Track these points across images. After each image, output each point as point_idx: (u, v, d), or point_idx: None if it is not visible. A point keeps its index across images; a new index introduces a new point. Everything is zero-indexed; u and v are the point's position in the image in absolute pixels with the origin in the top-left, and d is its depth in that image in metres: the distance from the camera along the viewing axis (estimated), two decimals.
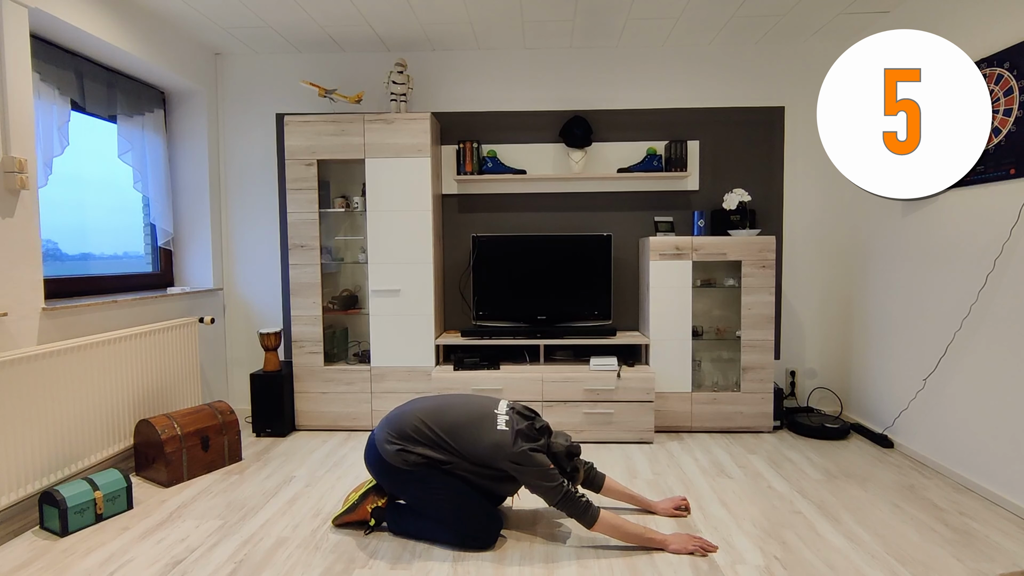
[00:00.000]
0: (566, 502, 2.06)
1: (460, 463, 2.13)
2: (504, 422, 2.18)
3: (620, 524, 2.09)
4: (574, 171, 3.62)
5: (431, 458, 2.13)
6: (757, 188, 3.67)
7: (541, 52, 3.71)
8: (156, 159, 3.44)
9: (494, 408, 2.24)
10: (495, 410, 2.23)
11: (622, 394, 3.22)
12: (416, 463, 2.13)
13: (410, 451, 2.14)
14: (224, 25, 3.29)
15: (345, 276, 3.82)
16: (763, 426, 3.40)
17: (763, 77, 3.66)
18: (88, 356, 2.58)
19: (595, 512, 2.06)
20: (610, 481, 2.41)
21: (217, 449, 2.92)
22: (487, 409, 2.23)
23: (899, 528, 2.25)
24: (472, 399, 2.30)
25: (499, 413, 2.22)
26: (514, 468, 2.09)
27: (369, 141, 3.41)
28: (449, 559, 2.06)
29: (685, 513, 2.38)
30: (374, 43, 3.58)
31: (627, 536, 2.09)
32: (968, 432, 2.62)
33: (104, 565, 2.04)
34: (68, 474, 2.49)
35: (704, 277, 3.56)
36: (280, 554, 2.10)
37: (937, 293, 2.82)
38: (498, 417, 2.20)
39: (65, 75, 2.80)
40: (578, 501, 2.07)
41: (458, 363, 3.38)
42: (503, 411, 2.23)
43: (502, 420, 2.18)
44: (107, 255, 3.28)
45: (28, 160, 2.36)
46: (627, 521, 2.12)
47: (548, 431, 2.25)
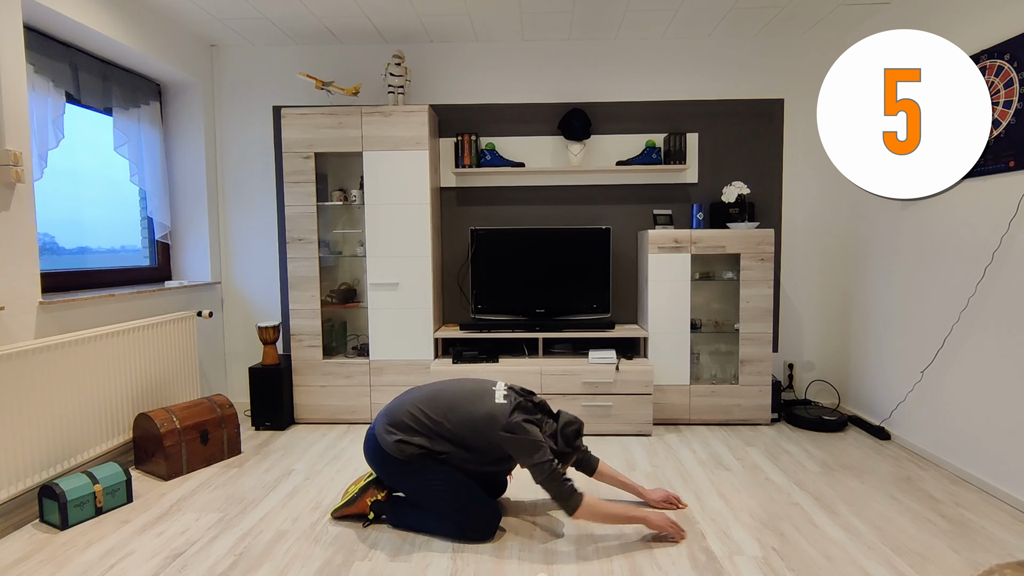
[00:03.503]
0: (552, 481, 2.05)
1: (457, 452, 2.14)
2: (503, 396, 2.19)
3: (603, 508, 2.08)
4: (573, 164, 3.61)
5: (429, 449, 2.13)
6: (756, 181, 3.66)
7: (540, 44, 3.69)
8: (152, 152, 3.42)
9: (492, 386, 2.26)
10: (493, 387, 2.25)
11: (620, 387, 3.23)
12: (413, 455, 2.13)
13: (408, 442, 2.14)
14: (220, 16, 3.26)
15: (343, 270, 3.81)
16: (761, 418, 3.41)
17: (762, 69, 3.65)
18: (86, 350, 2.58)
19: (579, 499, 2.05)
20: (604, 466, 2.40)
21: (216, 443, 2.92)
22: (485, 386, 2.25)
23: (896, 519, 2.27)
24: (469, 380, 2.32)
25: (497, 389, 2.23)
26: (506, 439, 2.08)
27: (367, 134, 3.39)
28: (448, 551, 2.07)
29: (678, 505, 2.38)
30: (372, 35, 3.56)
31: (610, 518, 2.09)
32: (965, 424, 2.64)
33: (104, 558, 2.04)
34: (67, 468, 2.49)
35: (703, 270, 3.56)
36: (280, 547, 2.11)
37: (935, 286, 2.82)
38: (496, 392, 2.21)
39: (59, 67, 2.77)
40: (564, 484, 2.06)
41: (457, 356, 3.38)
42: (502, 388, 2.24)
43: (500, 395, 2.20)
44: (104, 249, 3.27)
45: (23, 153, 2.34)
46: (609, 503, 2.12)
47: (547, 410, 2.25)
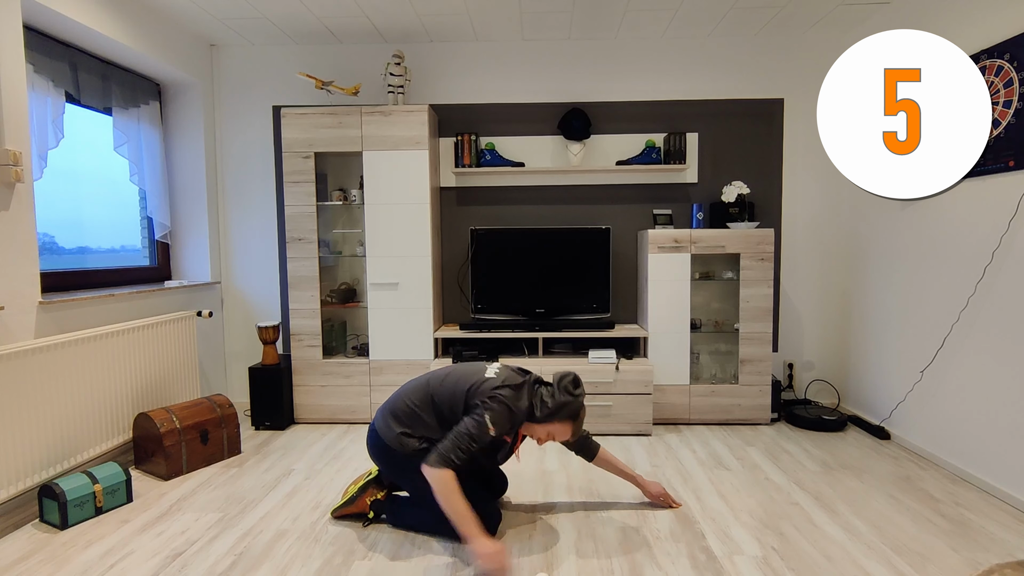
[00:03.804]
0: (454, 445, 1.94)
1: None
2: (494, 372, 2.16)
3: (454, 497, 1.91)
4: (572, 163, 3.61)
5: (429, 440, 2.11)
6: (756, 180, 3.66)
7: (539, 44, 3.69)
8: (152, 152, 3.42)
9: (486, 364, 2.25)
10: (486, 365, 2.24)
11: (620, 387, 3.23)
12: (415, 449, 2.11)
13: (410, 435, 2.13)
14: (219, 16, 3.26)
15: (343, 269, 3.81)
16: (761, 418, 3.41)
17: (762, 69, 3.65)
18: (86, 350, 2.58)
19: (446, 472, 1.91)
20: (604, 452, 2.39)
21: (216, 442, 2.92)
22: (478, 366, 2.23)
23: (895, 519, 2.27)
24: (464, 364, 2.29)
25: (489, 366, 2.22)
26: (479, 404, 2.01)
27: (367, 133, 3.39)
28: (449, 551, 2.07)
29: (672, 504, 2.38)
30: (371, 34, 3.56)
31: (450, 507, 1.92)
32: (965, 424, 2.64)
33: (104, 558, 2.04)
34: (67, 467, 2.49)
35: (702, 270, 3.56)
36: (280, 546, 2.10)
37: (935, 286, 2.82)
38: (488, 369, 2.20)
39: (59, 66, 2.77)
40: (453, 456, 1.92)
41: (457, 356, 3.38)
42: (495, 367, 2.22)
43: (492, 371, 2.18)
44: (104, 249, 3.27)
45: (23, 153, 2.34)
46: (463, 503, 1.92)
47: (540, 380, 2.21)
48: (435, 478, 1.93)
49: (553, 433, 2.11)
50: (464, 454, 1.96)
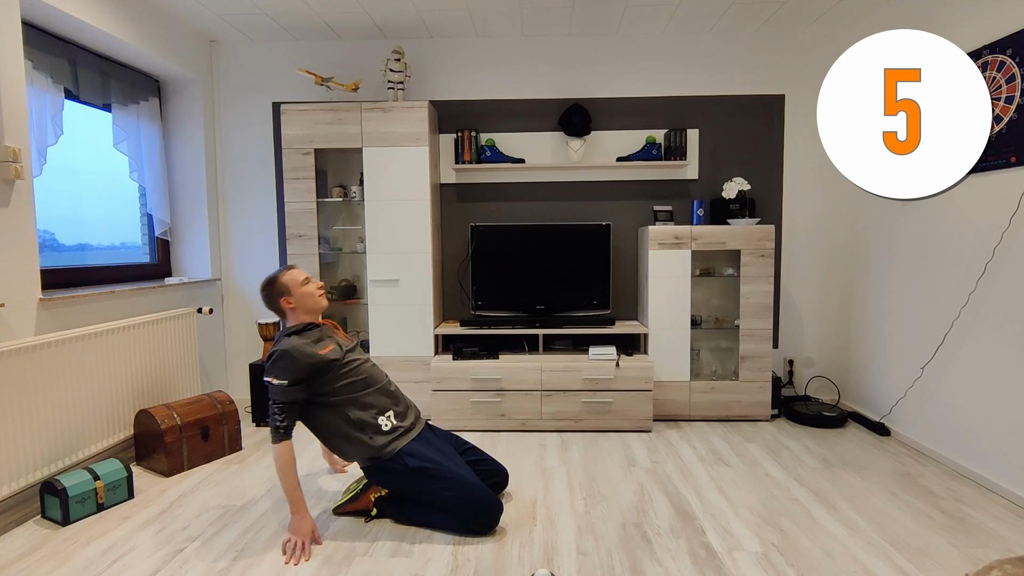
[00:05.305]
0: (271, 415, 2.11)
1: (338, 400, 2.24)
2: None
3: (288, 470, 2.09)
4: (573, 160, 3.60)
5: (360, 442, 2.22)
6: (757, 177, 3.66)
7: (540, 40, 3.67)
8: (152, 148, 3.41)
9: None
10: None
11: (621, 383, 3.23)
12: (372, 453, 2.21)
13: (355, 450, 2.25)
14: (219, 12, 3.25)
15: (343, 266, 3.81)
16: (761, 415, 3.41)
17: (763, 65, 3.63)
18: (86, 347, 2.58)
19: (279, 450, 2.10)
20: None
21: (217, 439, 2.92)
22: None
23: (895, 515, 2.27)
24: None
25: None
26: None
27: (366, 130, 3.38)
28: (450, 545, 2.07)
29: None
30: (371, 30, 3.54)
31: (281, 477, 2.10)
32: (965, 420, 2.64)
33: (106, 554, 2.05)
34: (69, 464, 2.49)
35: (703, 266, 3.56)
36: (281, 542, 2.11)
37: (936, 282, 2.82)
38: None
39: (58, 63, 2.76)
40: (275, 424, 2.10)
41: (457, 353, 3.38)
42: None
43: None
44: (104, 245, 3.27)
45: (22, 149, 2.33)
46: (293, 476, 2.11)
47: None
48: (274, 455, 2.10)
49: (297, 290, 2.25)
50: (280, 416, 2.10)
